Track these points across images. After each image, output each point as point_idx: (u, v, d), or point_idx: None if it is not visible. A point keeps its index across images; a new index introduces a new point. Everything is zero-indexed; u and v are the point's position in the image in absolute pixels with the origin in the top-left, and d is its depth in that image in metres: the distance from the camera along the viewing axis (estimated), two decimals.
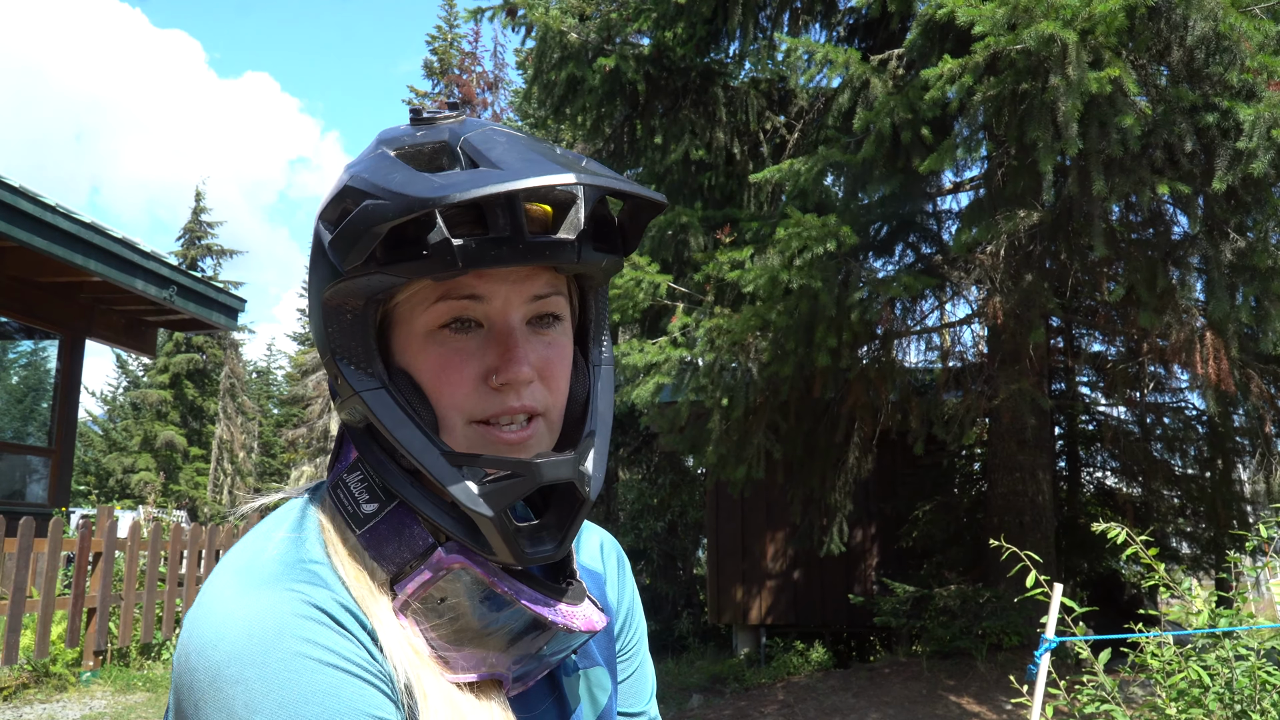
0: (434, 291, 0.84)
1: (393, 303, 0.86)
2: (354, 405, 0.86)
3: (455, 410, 0.86)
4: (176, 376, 36.60)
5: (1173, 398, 9.98)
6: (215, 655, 0.77)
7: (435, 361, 0.85)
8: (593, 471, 0.87)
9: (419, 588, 0.85)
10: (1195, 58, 5.86)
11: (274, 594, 0.80)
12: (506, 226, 0.79)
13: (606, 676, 1.04)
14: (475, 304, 0.85)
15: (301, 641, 0.78)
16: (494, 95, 31.65)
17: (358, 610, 0.83)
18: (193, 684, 0.78)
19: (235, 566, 0.85)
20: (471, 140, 0.83)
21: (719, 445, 7.83)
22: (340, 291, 0.84)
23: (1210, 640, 3.89)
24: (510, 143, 0.83)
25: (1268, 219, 6.11)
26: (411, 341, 0.86)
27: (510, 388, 0.85)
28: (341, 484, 0.90)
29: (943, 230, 8.73)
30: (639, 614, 1.16)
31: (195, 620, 0.81)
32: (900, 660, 9.05)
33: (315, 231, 0.87)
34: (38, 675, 7.23)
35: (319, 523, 0.90)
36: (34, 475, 10.78)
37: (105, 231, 9.10)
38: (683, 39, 8.31)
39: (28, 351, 12.12)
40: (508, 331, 0.86)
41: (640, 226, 0.90)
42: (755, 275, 6.61)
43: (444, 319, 0.85)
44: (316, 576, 0.83)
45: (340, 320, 0.85)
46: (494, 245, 0.79)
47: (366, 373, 0.85)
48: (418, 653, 0.84)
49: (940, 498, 10.28)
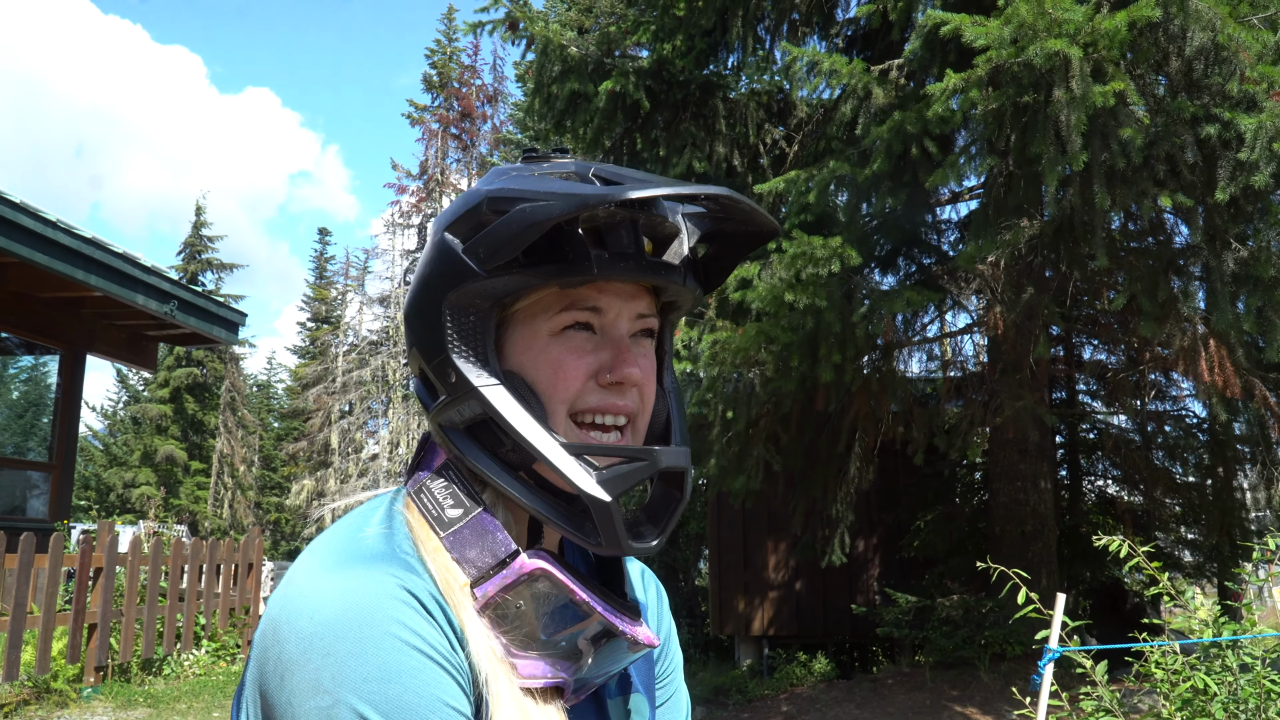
0: (559, 300, 0.92)
1: (513, 308, 0.93)
2: (465, 403, 0.92)
3: (563, 404, 0.92)
4: (177, 391, 36.55)
5: (1174, 406, 9.99)
6: (308, 627, 0.81)
7: (555, 358, 0.92)
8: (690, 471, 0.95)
9: (499, 591, 0.89)
10: (1194, 68, 5.87)
11: (370, 574, 0.84)
12: (630, 244, 0.90)
13: (646, 703, 1.08)
14: (593, 314, 0.93)
15: (393, 622, 0.82)
16: (494, 109, 31.75)
17: (445, 604, 0.86)
18: (281, 654, 0.82)
19: (330, 548, 0.89)
20: (602, 169, 0.91)
21: (720, 457, 7.83)
22: (471, 291, 0.90)
23: (1215, 649, 3.88)
24: (638, 172, 0.91)
25: (1270, 229, 6.11)
26: (532, 344, 0.93)
27: (619, 386, 0.93)
28: (425, 489, 0.95)
29: (942, 240, 8.74)
30: (675, 643, 1.21)
31: (287, 595, 0.85)
32: (903, 671, 9.03)
33: (439, 243, 0.93)
34: (39, 691, 7.21)
35: (406, 520, 0.93)
36: (35, 490, 10.76)
37: (106, 246, 9.10)
38: (682, 51, 8.33)
39: (29, 367, 12.12)
40: (619, 338, 0.94)
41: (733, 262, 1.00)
42: (760, 294, 6.62)
43: (567, 324, 0.92)
44: (409, 564, 0.87)
45: (464, 320, 0.92)
46: (621, 259, 0.89)
47: (486, 370, 0.91)
48: (494, 653, 0.88)
49: (942, 507, 10.28)
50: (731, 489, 8.03)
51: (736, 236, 0.97)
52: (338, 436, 32.64)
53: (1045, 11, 5.29)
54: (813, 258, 6.38)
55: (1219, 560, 9.74)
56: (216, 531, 33.78)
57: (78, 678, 7.66)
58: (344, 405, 33.51)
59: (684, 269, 0.93)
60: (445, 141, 31.15)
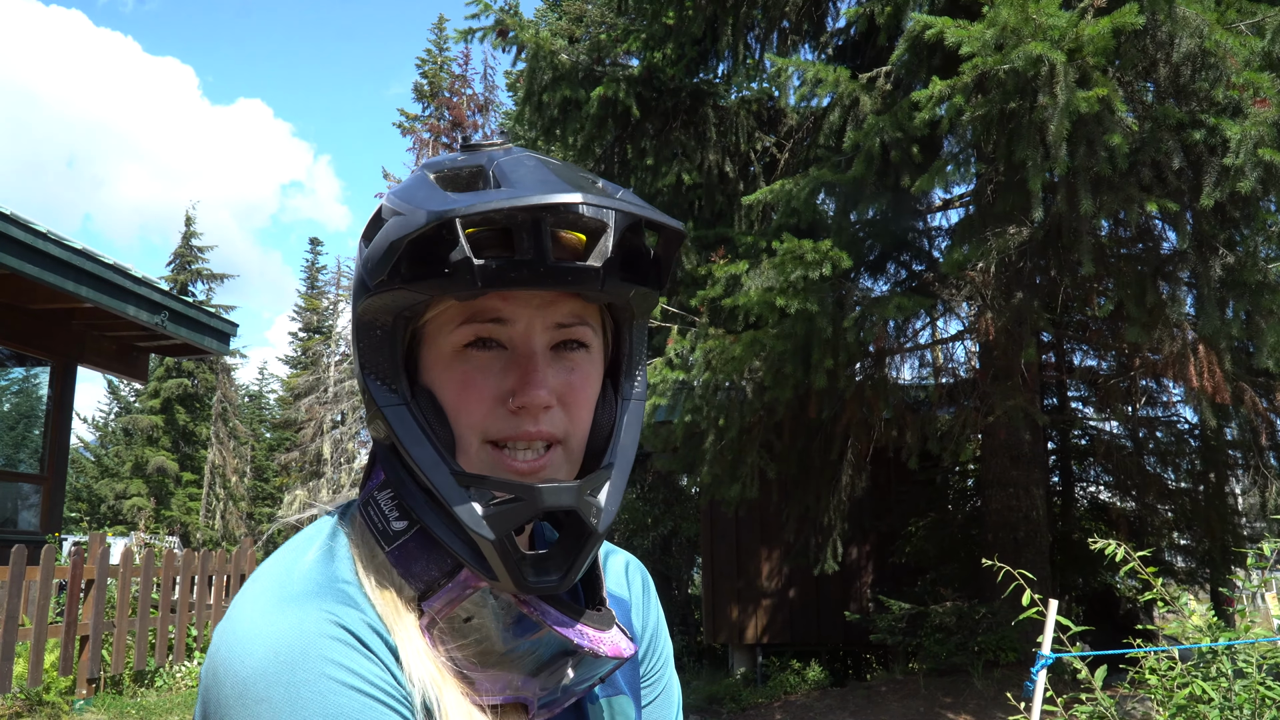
0: (460, 312, 0.85)
1: (421, 321, 0.87)
2: (379, 422, 0.88)
3: (472, 430, 0.86)
4: (168, 401, 36.44)
5: (1165, 412, 10.01)
6: (242, 671, 0.79)
7: (458, 380, 0.86)
8: (605, 504, 0.87)
9: (445, 605, 0.86)
10: (1181, 74, 5.90)
11: (302, 612, 0.81)
12: (530, 249, 0.79)
13: (631, 705, 1.03)
14: (499, 327, 0.86)
15: (327, 663, 0.79)
16: (484, 118, 31.74)
17: (383, 630, 0.83)
18: (220, 698, 0.80)
19: (266, 582, 0.86)
20: (502, 164, 0.84)
21: (714, 465, 7.83)
22: (370, 307, 0.85)
23: (1211, 655, 3.88)
24: (538, 167, 0.84)
25: (1256, 234, 6.14)
26: (437, 360, 0.87)
27: (527, 411, 0.85)
28: (372, 501, 0.91)
29: (933, 247, 8.76)
30: (664, 636, 1.16)
31: (225, 634, 0.82)
32: (897, 678, 9.03)
33: (358, 251, 0.89)
34: (31, 704, 7.17)
35: (348, 539, 0.90)
36: (26, 502, 10.72)
37: (97, 258, 9.09)
38: (672, 59, 8.36)
39: (19, 378, 12.07)
40: (529, 355, 0.86)
41: (669, 259, 0.90)
42: (751, 299, 6.63)
43: (468, 339, 0.86)
44: (346, 596, 0.84)
45: (370, 336, 0.87)
46: (515, 267, 0.80)
47: (390, 389, 0.86)
48: (440, 670, 0.84)
49: (934, 514, 10.28)
50: (726, 497, 8.02)
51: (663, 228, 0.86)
52: (330, 447, 32.56)
53: (1029, 17, 5.32)
54: (803, 260, 6.39)
55: (1211, 566, 9.76)
56: (208, 542, 33.65)
57: (70, 690, 7.62)
58: (336, 415, 33.43)
59: (604, 271, 0.82)
60: (436, 151, 31.12)
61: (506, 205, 0.77)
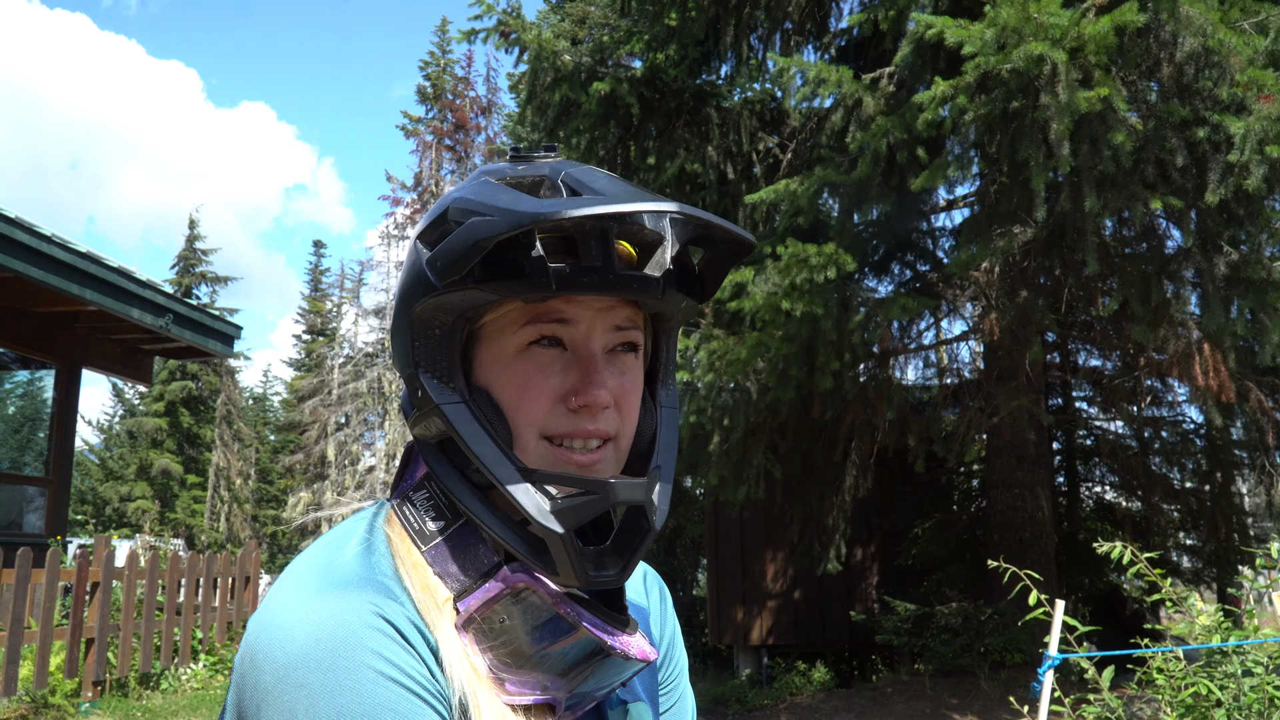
0: (524, 314, 0.88)
1: (481, 322, 0.89)
2: (431, 420, 0.89)
3: (531, 427, 0.88)
4: (172, 404, 36.48)
5: (1170, 411, 9.99)
6: (282, 657, 0.79)
7: (520, 378, 0.88)
8: (659, 504, 0.89)
9: (481, 605, 0.86)
10: (1185, 73, 5.89)
11: (345, 602, 0.82)
12: (599, 256, 0.83)
13: (648, 711, 1.04)
14: (562, 328, 0.88)
15: (368, 653, 0.79)
16: (487, 120, 31.76)
17: (423, 625, 0.84)
18: (257, 684, 0.80)
19: (307, 572, 0.86)
20: (573, 173, 0.87)
21: (719, 466, 7.82)
22: (433, 306, 0.87)
23: (1218, 655, 3.87)
24: (611, 179, 0.87)
25: (1261, 231, 6.12)
26: (498, 359, 0.89)
27: (588, 410, 0.88)
28: (407, 500, 0.93)
29: (937, 248, 8.75)
30: (680, 646, 1.17)
31: (264, 622, 0.83)
32: (903, 679, 9.01)
33: (411, 253, 0.90)
34: (36, 706, 7.17)
35: (386, 536, 0.91)
36: (31, 505, 10.73)
37: (101, 261, 9.10)
38: (675, 60, 8.36)
39: (24, 381, 12.09)
40: (590, 356, 0.89)
41: (722, 271, 0.93)
42: (757, 302, 6.62)
43: (533, 338, 0.88)
44: (388, 589, 0.84)
45: (428, 335, 0.89)
46: (586, 273, 0.83)
47: (449, 387, 0.88)
48: (476, 671, 0.86)
49: (939, 515, 10.27)
50: (731, 499, 8.02)
51: (723, 242, 0.90)
52: (334, 449, 32.57)
53: (1030, 16, 5.31)
54: (808, 264, 6.39)
55: (1218, 566, 9.74)
56: (213, 545, 33.69)
57: (75, 692, 7.63)
58: (340, 417, 33.45)
59: (664, 281, 0.86)
60: (439, 153, 31.16)
61: (606, 210, 0.79)
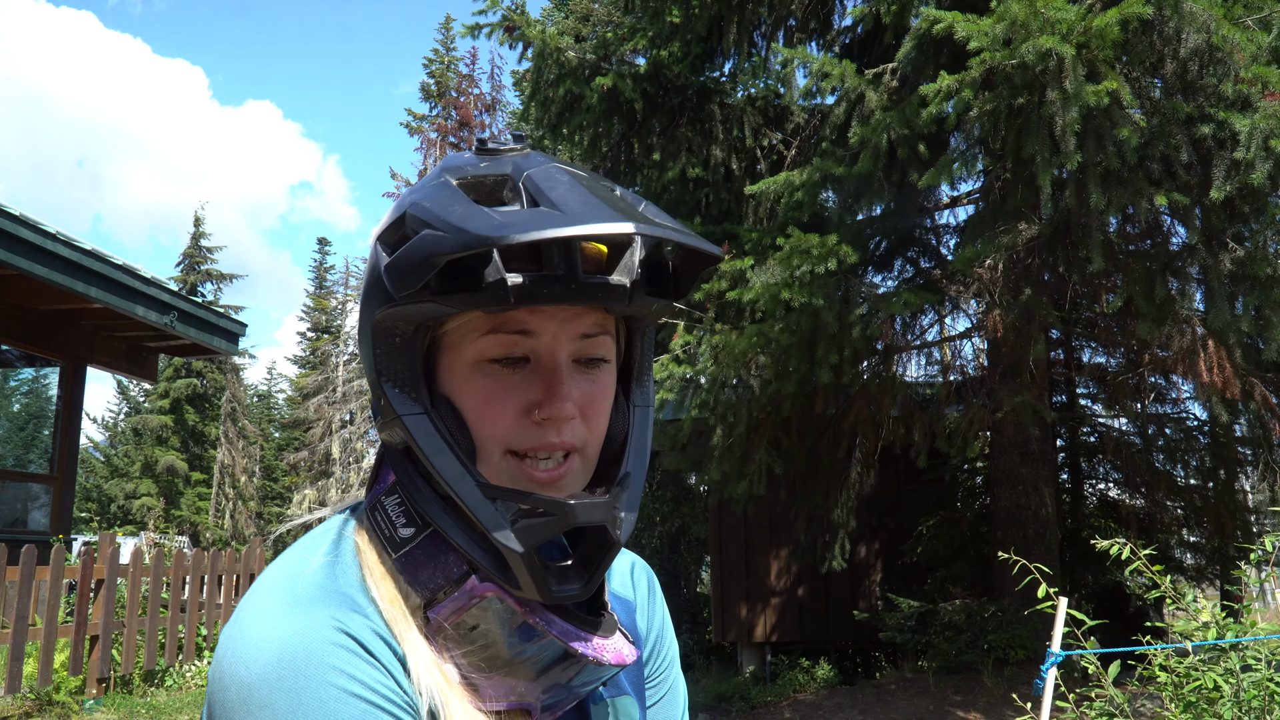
0: (485, 323, 0.85)
1: (442, 329, 0.87)
2: (395, 428, 0.87)
3: (495, 441, 0.87)
4: (177, 401, 36.53)
5: (1174, 408, 9.98)
6: (246, 676, 0.79)
7: (480, 391, 0.86)
8: (625, 514, 0.88)
9: (451, 614, 0.86)
10: (1189, 70, 5.88)
11: (308, 618, 0.81)
12: (561, 265, 0.79)
13: (635, 705, 1.03)
14: (524, 339, 0.86)
15: (331, 670, 0.79)
16: (491, 117, 31.76)
17: (389, 636, 0.83)
18: (224, 702, 0.80)
19: (272, 586, 0.86)
20: (534, 177, 0.84)
21: (722, 462, 7.82)
22: (392, 316, 0.85)
23: (1218, 652, 3.87)
24: (572, 184, 0.83)
25: (1266, 228, 6.11)
26: (458, 369, 0.87)
27: (552, 423, 0.86)
28: (379, 506, 0.91)
29: (941, 245, 8.74)
30: (669, 636, 1.16)
31: (230, 639, 0.83)
32: (906, 676, 9.01)
33: (372, 253, 0.88)
34: (41, 704, 7.19)
35: (355, 545, 0.90)
36: (36, 502, 10.76)
37: (106, 258, 9.11)
38: (679, 57, 8.36)
39: (29, 379, 12.13)
40: (554, 368, 0.87)
41: (694, 275, 0.90)
42: (757, 293, 6.62)
43: (493, 351, 0.86)
44: (353, 602, 0.84)
45: (389, 344, 0.87)
46: (547, 283, 0.79)
47: (410, 397, 0.86)
48: (446, 678, 0.85)
49: (943, 512, 10.26)
50: (734, 495, 8.01)
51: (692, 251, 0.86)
52: (339, 446, 32.64)
53: (1038, 10, 5.30)
54: (809, 255, 6.38)
55: (1221, 562, 9.72)
56: (218, 542, 33.75)
57: (80, 690, 7.64)
58: (345, 415, 33.51)
59: (632, 288, 0.82)
60: (444, 150, 31.16)
61: (556, 235, 0.76)
